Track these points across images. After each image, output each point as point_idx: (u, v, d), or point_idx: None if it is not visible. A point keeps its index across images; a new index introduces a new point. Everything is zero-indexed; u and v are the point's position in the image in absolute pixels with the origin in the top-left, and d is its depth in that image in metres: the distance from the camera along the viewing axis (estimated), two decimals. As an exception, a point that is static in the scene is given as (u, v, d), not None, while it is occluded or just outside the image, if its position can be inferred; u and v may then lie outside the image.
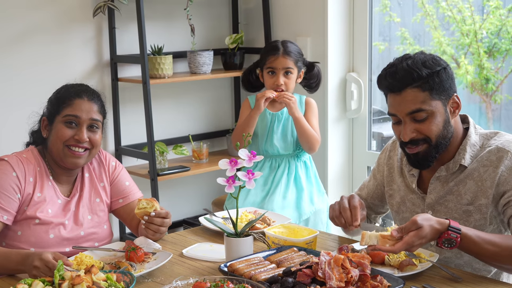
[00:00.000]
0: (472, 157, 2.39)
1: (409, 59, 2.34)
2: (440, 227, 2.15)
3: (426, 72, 2.29)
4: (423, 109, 2.30)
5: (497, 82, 4.05)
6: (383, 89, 2.41)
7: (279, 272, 2.09)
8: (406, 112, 2.32)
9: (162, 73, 4.05)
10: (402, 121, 2.35)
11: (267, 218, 2.75)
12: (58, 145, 2.55)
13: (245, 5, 4.71)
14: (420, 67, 2.30)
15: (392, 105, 2.36)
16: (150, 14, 4.21)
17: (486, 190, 2.34)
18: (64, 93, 2.60)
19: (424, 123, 2.32)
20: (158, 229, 2.49)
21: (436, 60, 2.34)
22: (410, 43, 4.33)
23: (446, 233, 2.15)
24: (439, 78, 2.31)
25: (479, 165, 2.37)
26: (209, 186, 4.64)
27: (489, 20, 4.01)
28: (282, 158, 3.58)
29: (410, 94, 2.30)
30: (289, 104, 3.43)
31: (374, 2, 4.20)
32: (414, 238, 2.11)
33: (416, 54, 2.37)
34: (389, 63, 2.38)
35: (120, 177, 2.76)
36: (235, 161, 2.25)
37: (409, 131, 2.33)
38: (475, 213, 2.37)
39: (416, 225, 2.13)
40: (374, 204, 2.74)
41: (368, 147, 4.29)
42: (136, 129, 4.27)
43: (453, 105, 2.38)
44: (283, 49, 3.48)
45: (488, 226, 2.37)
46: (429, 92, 2.30)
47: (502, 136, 2.41)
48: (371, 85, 4.25)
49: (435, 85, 2.30)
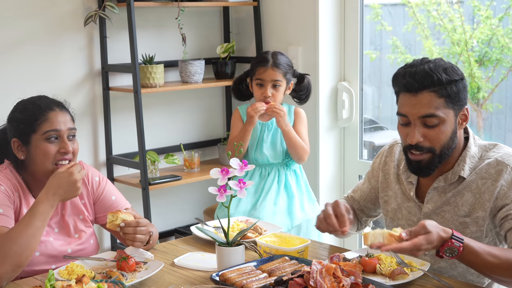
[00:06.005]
0: (471, 168, 2.38)
1: (430, 62, 2.32)
2: (445, 235, 2.14)
3: (446, 78, 2.27)
4: (436, 115, 2.28)
5: (488, 91, 4.06)
6: (398, 87, 2.36)
7: (270, 281, 2.08)
8: (419, 115, 2.29)
9: (153, 82, 4.05)
10: (412, 123, 2.32)
11: (259, 227, 2.74)
12: (47, 164, 2.50)
13: (236, 15, 4.72)
14: (441, 72, 2.28)
15: (404, 105, 2.33)
16: (141, 23, 4.21)
17: (484, 203, 2.34)
18: (33, 110, 2.52)
19: (434, 130, 2.30)
20: (134, 238, 2.47)
21: (455, 70, 2.32)
22: (401, 52, 4.35)
23: (450, 242, 2.13)
24: (456, 87, 2.29)
25: (478, 177, 2.36)
26: (200, 195, 4.63)
27: (480, 29, 4.03)
28: (272, 166, 3.59)
29: (427, 97, 2.28)
30: (278, 117, 3.43)
31: (365, 10, 4.22)
32: (423, 241, 2.10)
33: (437, 59, 2.34)
34: (408, 63, 2.36)
35: (106, 192, 2.72)
36: (227, 170, 2.25)
37: (417, 134, 2.30)
38: (472, 225, 2.36)
39: (425, 229, 2.11)
40: (367, 207, 2.73)
41: (359, 156, 4.29)
42: (128, 138, 4.26)
43: (462, 117, 2.36)
44: (273, 61, 3.48)
45: (484, 239, 2.36)
46: (445, 99, 2.28)
47: (501, 149, 2.40)
48: (363, 94, 4.25)
49: (452, 93, 2.29)
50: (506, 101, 4.08)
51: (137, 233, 2.47)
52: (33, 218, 2.36)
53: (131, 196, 3.50)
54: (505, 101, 4.07)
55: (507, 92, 4.06)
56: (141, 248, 2.50)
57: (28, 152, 2.52)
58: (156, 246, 2.69)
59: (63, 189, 2.42)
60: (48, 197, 2.40)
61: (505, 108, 4.07)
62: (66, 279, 2.19)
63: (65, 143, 2.51)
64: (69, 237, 2.59)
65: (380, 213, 2.74)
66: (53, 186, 2.41)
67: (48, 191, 2.41)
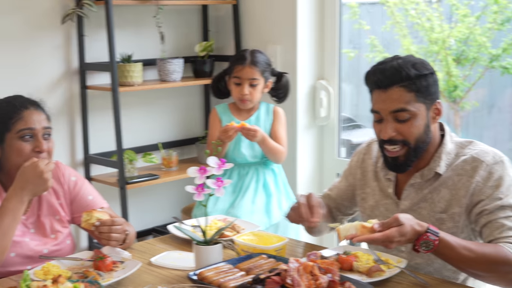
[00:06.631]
0: (447, 165, 2.41)
1: (399, 59, 2.36)
2: (420, 228, 2.17)
3: (415, 73, 2.31)
4: (406, 109, 2.32)
5: (465, 89, 4.09)
6: (370, 85, 2.41)
7: (248, 279, 2.08)
8: (389, 110, 2.33)
9: (131, 80, 4.03)
10: (384, 119, 2.35)
11: (237, 226, 2.74)
12: (21, 163, 2.47)
13: (215, 13, 4.71)
14: (409, 67, 2.32)
15: (376, 101, 2.37)
16: (119, 22, 4.19)
17: (460, 199, 2.36)
18: (7, 108, 2.51)
19: (405, 124, 2.33)
20: (109, 237, 2.45)
21: (425, 64, 2.36)
22: (379, 51, 4.36)
23: (425, 235, 2.16)
24: (426, 81, 2.33)
25: (454, 174, 2.39)
26: (178, 194, 4.62)
27: (457, 28, 4.05)
28: (250, 165, 3.59)
29: (396, 93, 2.32)
30: (252, 139, 3.42)
31: (343, 9, 4.23)
32: (395, 233, 2.12)
33: (407, 56, 2.39)
34: (379, 61, 2.40)
35: (83, 192, 2.70)
36: (204, 169, 2.25)
37: (390, 129, 2.34)
38: (448, 221, 2.38)
39: (398, 221, 2.14)
40: (343, 205, 2.74)
41: (337, 154, 4.30)
42: (105, 137, 4.23)
43: (435, 111, 2.40)
44: (251, 59, 3.48)
45: (460, 235, 2.38)
46: (415, 93, 2.32)
47: (477, 146, 2.43)
48: (341, 93, 4.26)
49: (421, 87, 2.32)
50: (483, 99, 4.11)
51: (112, 232, 2.45)
52: (3, 215, 2.35)
53: (108, 196, 3.47)
54: (482, 99, 4.10)
55: (483, 90, 4.09)
56: (118, 248, 2.48)
57: (3, 151, 2.51)
58: (134, 245, 2.68)
59: (31, 183, 2.41)
60: (17, 193, 2.39)
61: (482, 106, 4.10)
62: (42, 279, 2.17)
63: (39, 141, 2.50)
64: (45, 237, 2.58)
65: (356, 211, 2.75)
66: (20, 181, 2.41)
67: (16, 186, 2.40)
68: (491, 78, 4.02)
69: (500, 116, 4.11)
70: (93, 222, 2.45)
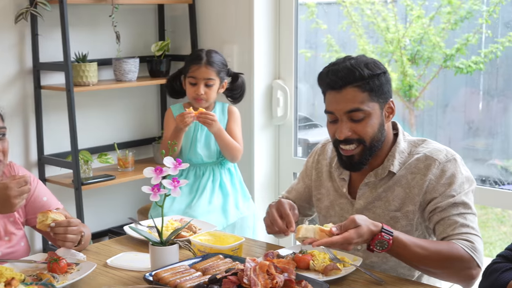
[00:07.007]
0: (401, 163, 2.43)
1: (352, 59, 2.38)
2: (374, 228, 2.19)
3: (368, 73, 2.33)
4: (361, 109, 2.33)
5: (420, 89, 4.14)
6: (323, 86, 2.42)
7: (204, 279, 2.08)
8: (344, 110, 2.34)
9: (86, 80, 3.99)
10: (339, 119, 2.37)
11: (193, 226, 2.73)
12: None
13: (171, 12, 4.69)
14: (362, 67, 2.33)
15: (330, 102, 2.38)
16: (74, 21, 4.14)
17: (414, 197, 2.38)
18: None
19: (360, 124, 2.35)
20: (65, 238, 2.42)
21: (377, 64, 2.38)
22: (336, 51, 4.39)
23: (380, 235, 2.18)
24: (379, 81, 2.35)
25: (407, 172, 2.41)
26: (134, 195, 4.58)
27: (412, 28, 4.10)
28: (206, 166, 3.58)
29: (350, 93, 2.33)
30: (208, 126, 3.41)
31: (300, 9, 4.24)
32: (353, 235, 2.14)
33: (359, 56, 2.41)
34: (331, 62, 2.41)
35: (37, 193, 2.66)
36: (160, 169, 2.24)
37: (345, 129, 2.35)
38: (402, 219, 2.41)
39: (355, 223, 2.16)
40: (302, 206, 2.75)
41: (294, 154, 4.31)
42: (60, 137, 4.18)
43: (388, 110, 2.42)
44: (206, 59, 3.48)
45: (414, 232, 2.41)
46: (369, 93, 2.34)
47: (430, 144, 2.46)
48: (297, 92, 4.28)
49: (375, 87, 2.34)
50: (437, 98, 4.17)
51: (68, 233, 2.42)
52: None
53: (63, 197, 3.44)
54: (436, 98, 4.16)
55: (438, 90, 4.15)
56: (73, 249, 2.46)
57: None
58: (89, 246, 2.65)
59: None
60: None
61: (436, 105, 4.16)
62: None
63: None
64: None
65: (315, 212, 2.76)
66: None
67: None
68: (445, 77, 4.07)
69: (454, 115, 4.17)
70: (48, 223, 2.42)
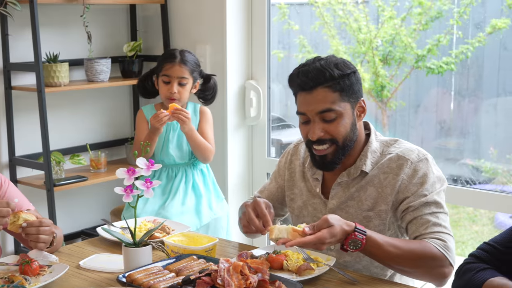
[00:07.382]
0: (373, 163, 2.45)
1: (321, 60, 2.38)
2: (348, 228, 2.20)
3: (338, 73, 2.33)
4: (332, 109, 2.34)
5: (392, 89, 4.16)
6: (294, 87, 2.42)
7: (178, 280, 2.07)
8: (316, 111, 2.35)
9: (58, 81, 3.96)
10: (311, 120, 2.37)
11: (167, 227, 2.72)
12: None
13: (143, 13, 4.67)
14: (332, 67, 2.34)
15: (302, 103, 2.39)
16: (45, 21, 4.11)
17: (386, 196, 2.40)
18: None
19: (332, 124, 2.36)
20: (37, 238, 2.39)
21: (347, 64, 2.39)
22: (308, 51, 4.41)
23: (353, 234, 2.19)
24: (349, 80, 2.36)
25: (380, 172, 2.43)
26: (107, 196, 4.56)
27: (384, 29, 4.13)
28: (179, 167, 3.57)
29: (321, 94, 2.34)
30: (182, 124, 3.39)
31: (272, 10, 4.25)
32: (326, 235, 2.15)
33: (328, 56, 2.41)
34: (301, 64, 2.42)
35: (8, 195, 2.62)
36: (133, 170, 2.23)
37: (318, 130, 2.35)
38: (375, 218, 2.42)
39: (328, 223, 2.17)
40: (274, 206, 2.74)
41: (267, 154, 4.32)
42: (31, 138, 4.15)
43: (360, 109, 2.43)
44: (180, 57, 3.47)
45: (387, 232, 2.42)
46: (340, 93, 2.34)
47: (402, 144, 2.48)
48: (270, 93, 4.28)
49: (345, 87, 2.35)
50: (409, 99, 4.19)
51: (40, 233, 2.40)
52: None
53: (35, 198, 3.41)
54: (408, 99, 4.19)
55: (410, 90, 4.18)
56: (45, 251, 2.44)
57: None
58: (61, 248, 2.63)
59: None
60: None
61: (408, 105, 4.19)
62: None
63: None
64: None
65: (287, 212, 2.77)
66: None
67: None
68: (417, 78, 4.10)
69: (425, 115, 4.20)
70: (20, 224, 2.39)
